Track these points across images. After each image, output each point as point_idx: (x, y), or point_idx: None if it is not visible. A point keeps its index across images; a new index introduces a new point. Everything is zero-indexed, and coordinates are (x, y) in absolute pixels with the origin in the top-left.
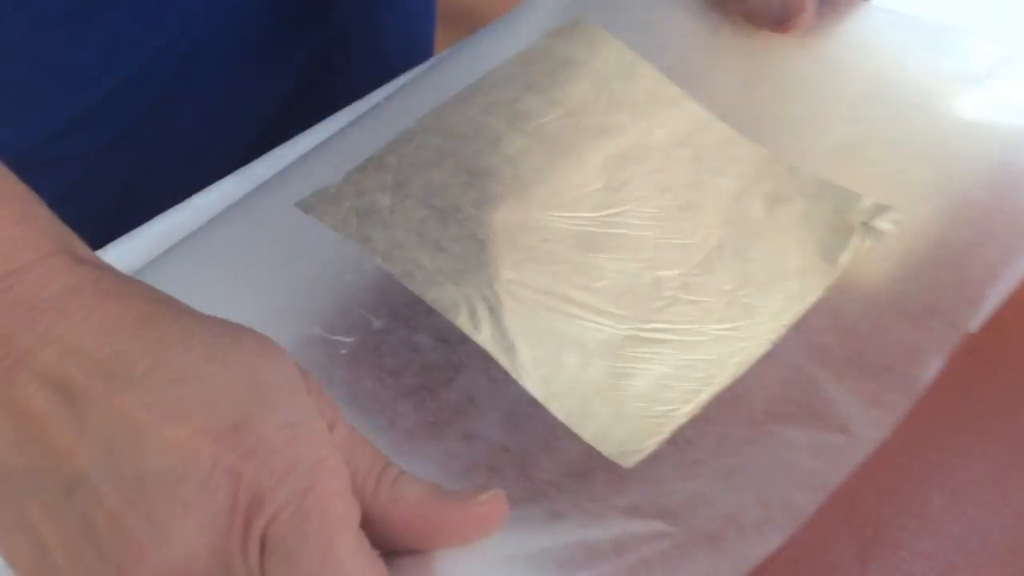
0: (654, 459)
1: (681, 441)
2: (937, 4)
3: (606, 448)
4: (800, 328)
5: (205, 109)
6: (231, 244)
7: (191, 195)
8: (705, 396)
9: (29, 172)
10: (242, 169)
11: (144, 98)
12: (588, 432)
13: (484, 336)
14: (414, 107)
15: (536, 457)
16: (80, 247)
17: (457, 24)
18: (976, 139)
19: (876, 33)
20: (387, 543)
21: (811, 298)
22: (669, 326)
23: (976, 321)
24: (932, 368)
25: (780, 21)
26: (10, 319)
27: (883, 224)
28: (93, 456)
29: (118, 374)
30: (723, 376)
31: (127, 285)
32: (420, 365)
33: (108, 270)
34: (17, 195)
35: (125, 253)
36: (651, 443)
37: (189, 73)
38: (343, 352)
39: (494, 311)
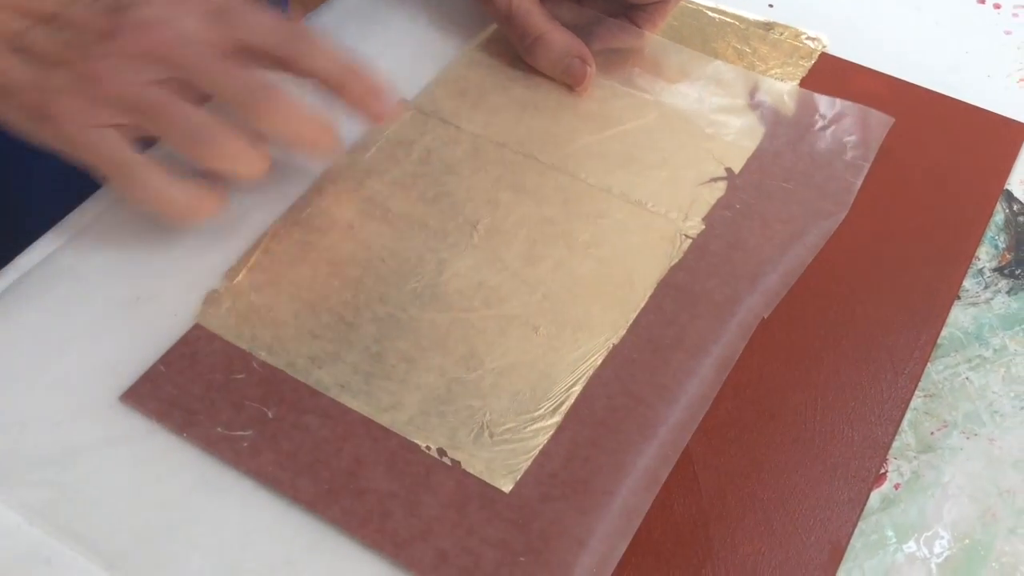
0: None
1: (539, 455)
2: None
3: (489, 476)
4: (633, 327)
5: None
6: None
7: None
8: (566, 407)
9: None
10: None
11: None
12: (461, 458)
13: (361, 403)
14: None
15: (420, 496)
16: None
17: None
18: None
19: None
20: None
21: (642, 302)
22: (517, 355)
23: (769, 309)
24: (738, 349)
25: (570, 85)
26: None
27: (691, 230)
28: None
29: None
30: (576, 387)
31: None
32: (312, 443)
33: None
34: None
35: None
36: (523, 462)
37: None
38: (245, 445)
39: (368, 380)
